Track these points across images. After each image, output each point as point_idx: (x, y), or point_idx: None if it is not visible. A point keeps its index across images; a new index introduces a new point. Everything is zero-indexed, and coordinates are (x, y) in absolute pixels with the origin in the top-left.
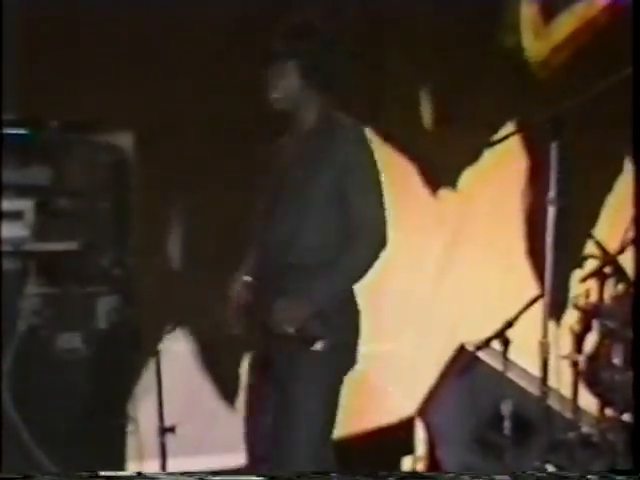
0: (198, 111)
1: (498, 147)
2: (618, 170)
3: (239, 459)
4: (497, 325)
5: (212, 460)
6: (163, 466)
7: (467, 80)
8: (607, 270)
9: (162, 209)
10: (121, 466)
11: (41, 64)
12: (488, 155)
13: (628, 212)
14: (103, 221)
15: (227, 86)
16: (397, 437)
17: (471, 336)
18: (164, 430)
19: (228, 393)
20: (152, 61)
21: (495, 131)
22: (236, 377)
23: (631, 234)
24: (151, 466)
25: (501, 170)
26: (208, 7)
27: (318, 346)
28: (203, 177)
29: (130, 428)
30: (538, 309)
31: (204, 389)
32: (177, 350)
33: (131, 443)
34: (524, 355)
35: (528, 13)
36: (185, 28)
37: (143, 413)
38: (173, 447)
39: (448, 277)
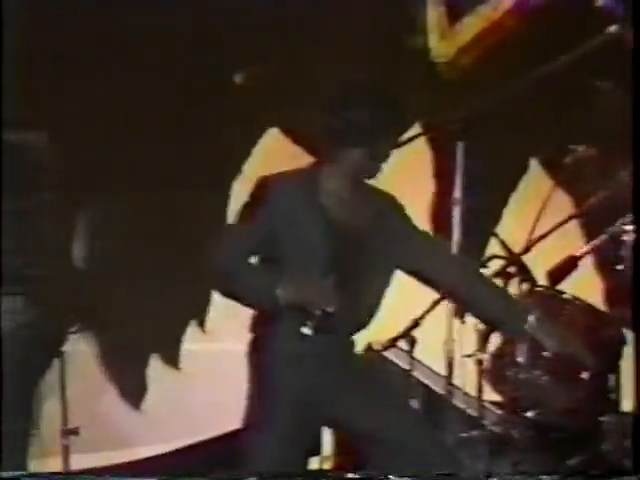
0: (114, 113)
1: (405, 148)
2: (522, 170)
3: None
4: (404, 324)
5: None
6: (66, 466)
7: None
8: (511, 270)
9: (71, 211)
10: (23, 466)
11: None
12: (395, 156)
13: (532, 211)
14: (10, 222)
15: (148, 92)
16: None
17: (378, 336)
18: (67, 432)
19: (133, 394)
20: (70, 60)
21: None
22: (142, 379)
23: (536, 234)
24: (54, 465)
25: (408, 170)
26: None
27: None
28: (115, 180)
29: (34, 428)
30: (444, 308)
31: (109, 390)
32: (82, 351)
33: (34, 443)
34: (430, 354)
35: (434, 14)
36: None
37: (47, 414)
38: (76, 446)
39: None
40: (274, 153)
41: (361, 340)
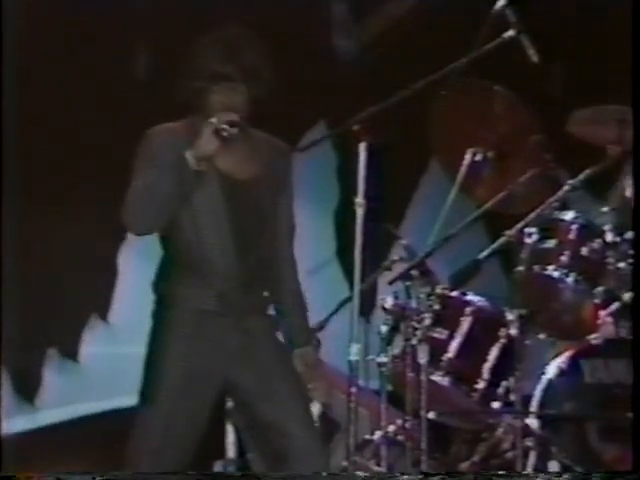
0: None
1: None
2: (423, 169)
3: None
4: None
5: None
6: None
7: (275, 79)
8: (414, 272)
9: None
10: None
11: None
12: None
13: (434, 212)
14: None
15: None
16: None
17: None
18: None
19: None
20: None
21: (304, 132)
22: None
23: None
24: None
25: (311, 171)
26: None
27: None
28: None
29: None
30: (348, 310)
31: None
32: None
33: None
34: (334, 356)
35: (338, 12)
36: None
37: None
38: None
39: None
40: None
41: None
